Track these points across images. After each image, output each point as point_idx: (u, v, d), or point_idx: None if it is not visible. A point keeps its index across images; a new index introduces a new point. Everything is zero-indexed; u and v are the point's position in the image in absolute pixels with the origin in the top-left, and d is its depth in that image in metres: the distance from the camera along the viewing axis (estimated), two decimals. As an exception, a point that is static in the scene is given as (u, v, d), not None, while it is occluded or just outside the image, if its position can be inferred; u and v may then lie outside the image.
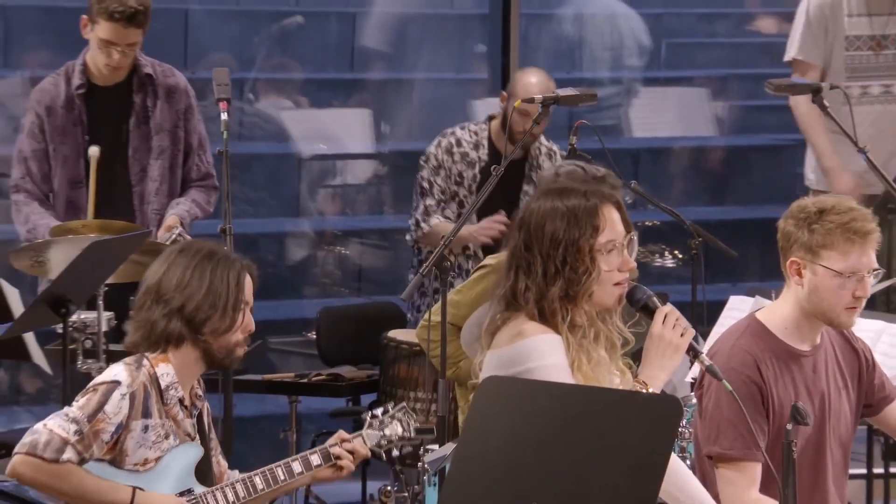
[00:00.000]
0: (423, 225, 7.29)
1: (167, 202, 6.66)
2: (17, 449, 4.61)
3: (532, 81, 7.28)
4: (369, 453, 4.96)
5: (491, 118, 7.48)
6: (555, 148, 7.48)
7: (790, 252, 4.75)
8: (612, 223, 4.57)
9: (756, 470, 4.65)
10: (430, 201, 7.30)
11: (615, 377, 4.59)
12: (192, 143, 6.74)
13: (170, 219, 6.51)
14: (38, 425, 4.62)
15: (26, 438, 4.60)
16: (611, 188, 4.88)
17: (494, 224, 7.12)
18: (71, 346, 5.93)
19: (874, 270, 4.74)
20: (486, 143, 7.37)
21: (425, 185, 7.35)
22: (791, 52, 7.65)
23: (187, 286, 4.73)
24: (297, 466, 4.88)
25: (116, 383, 4.66)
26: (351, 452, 4.90)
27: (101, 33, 6.47)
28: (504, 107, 7.37)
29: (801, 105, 7.48)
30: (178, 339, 4.74)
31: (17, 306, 6.30)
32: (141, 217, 6.61)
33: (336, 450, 4.88)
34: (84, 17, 6.52)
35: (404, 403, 5.15)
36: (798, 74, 7.56)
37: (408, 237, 7.47)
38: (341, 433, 4.97)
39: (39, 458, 4.56)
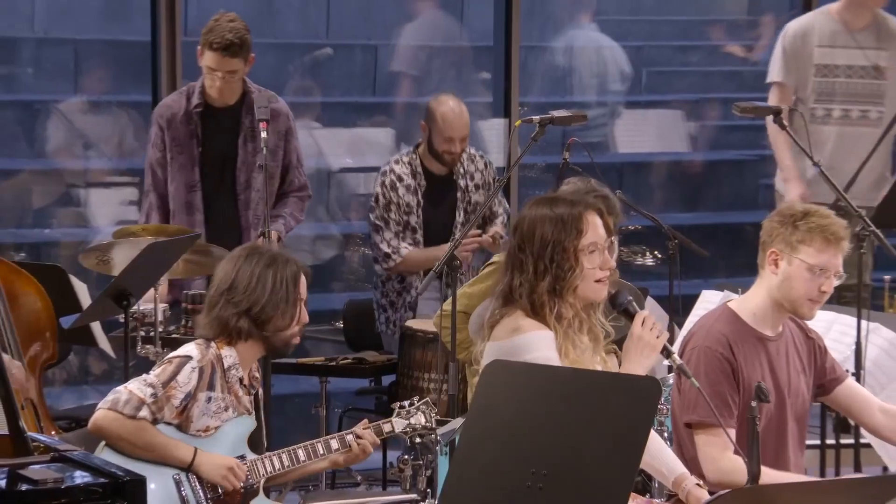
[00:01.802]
0: (394, 257, 7.13)
1: (265, 209, 6.67)
2: (100, 405, 4.70)
3: (449, 105, 7.19)
4: (378, 443, 5.01)
5: (417, 145, 7.36)
6: (472, 150, 7.40)
7: (771, 244, 4.78)
8: (595, 227, 4.58)
9: (730, 435, 4.65)
10: (388, 235, 7.17)
11: (597, 364, 4.60)
12: (291, 159, 6.76)
13: (272, 234, 6.53)
14: (120, 387, 4.72)
15: (109, 397, 4.69)
16: (595, 198, 4.89)
17: (471, 240, 7.01)
18: (132, 334, 5.94)
19: (839, 274, 4.76)
20: (420, 168, 7.26)
21: (380, 222, 7.16)
22: (770, 76, 7.63)
23: (255, 289, 4.79)
24: (334, 443, 4.94)
25: (189, 357, 4.74)
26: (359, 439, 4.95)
27: (206, 60, 6.54)
28: (426, 135, 7.27)
29: (771, 124, 7.48)
30: (247, 335, 4.80)
31: (85, 299, 6.31)
32: (244, 220, 6.65)
33: (349, 439, 4.95)
34: (199, 47, 6.56)
35: (428, 399, 5.19)
36: (776, 94, 7.53)
37: (378, 269, 7.26)
38: (364, 422, 5.01)
39: (119, 413, 4.63)
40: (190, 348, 4.79)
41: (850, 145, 7.31)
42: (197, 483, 4.70)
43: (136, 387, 4.68)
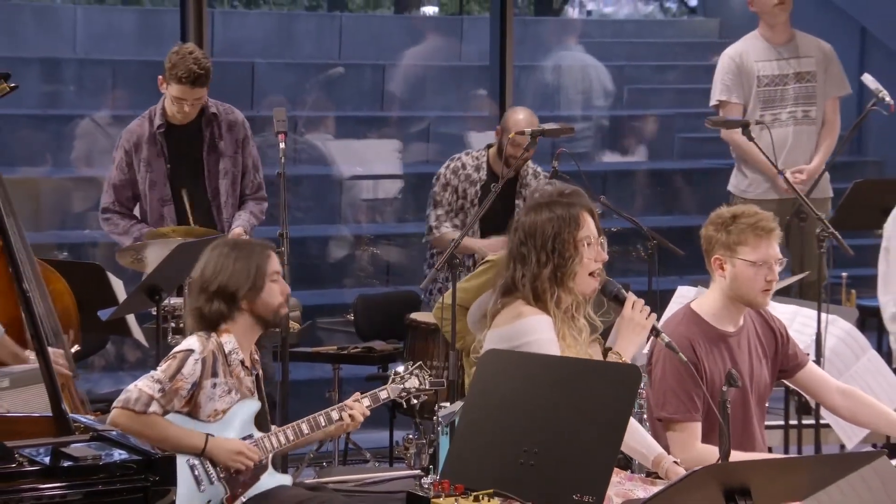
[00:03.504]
0: (434, 231, 7.22)
1: (233, 211, 6.65)
2: (114, 404, 4.61)
3: (520, 117, 7.25)
4: (368, 412, 4.94)
5: (489, 146, 7.43)
6: (538, 169, 7.44)
7: (713, 251, 4.75)
8: (588, 224, 4.59)
9: (697, 427, 4.65)
10: (439, 211, 7.24)
11: (591, 348, 4.60)
12: (248, 164, 6.70)
13: (236, 231, 6.51)
14: (131, 385, 4.64)
15: (122, 395, 4.61)
16: (584, 199, 4.88)
17: (500, 242, 7.03)
18: (163, 325, 5.92)
19: (779, 260, 4.74)
20: (485, 165, 7.33)
21: (437, 198, 7.28)
22: (715, 96, 7.65)
23: (220, 272, 4.74)
24: (335, 414, 4.88)
25: (191, 351, 4.67)
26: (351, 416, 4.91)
27: (173, 92, 6.42)
28: (499, 138, 7.33)
29: (736, 135, 7.46)
30: (224, 315, 4.75)
31: (121, 294, 6.30)
32: (219, 224, 6.61)
33: (335, 414, 4.89)
34: (160, 77, 6.49)
35: (421, 362, 5.16)
36: (723, 112, 7.55)
37: (424, 240, 7.42)
38: (356, 395, 4.98)
39: (131, 411, 4.56)
40: (192, 341, 4.72)
41: (803, 142, 7.34)
42: (209, 465, 4.67)
43: (145, 384, 4.61)
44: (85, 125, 9.47)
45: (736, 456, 4.14)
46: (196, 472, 4.63)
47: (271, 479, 4.78)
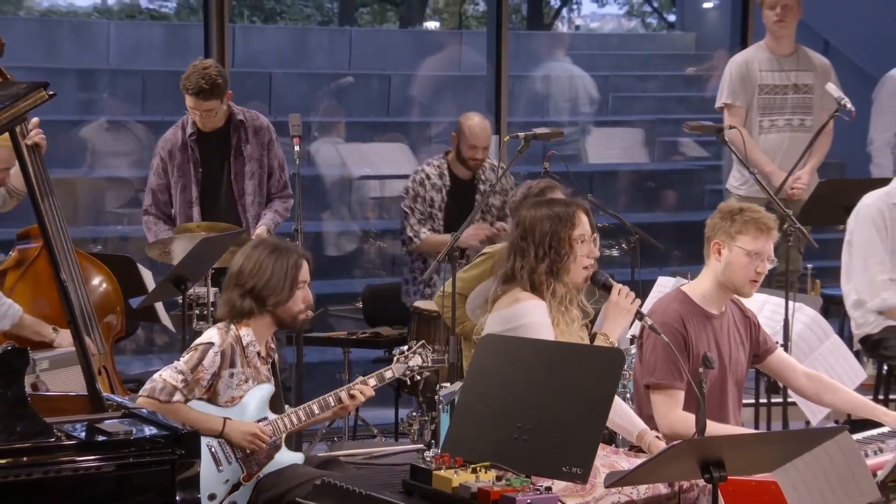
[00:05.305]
0: (415, 240, 7.13)
1: (259, 210, 6.64)
2: (140, 393, 4.62)
3: (474, 122, 7.14)
4: (373, 393, 4.93)
5: (447, 153, 7.35)
6: (494, 161, 7.37)
7: (714, 236, 4.81)
8: (584, 223, 4.62)
9: (680, 395, 4.66)
10: (412, 221, 7.13)
11: (582, 333, 4.61)
12: (273, 166, 6.68)
13: (260, 229, 6.50)
14: (156, 375, 4.64)
15: (147, 385, 4.61)
16: (578, 199, 4.89)
17: (480, 231, 7.01)
18: (188, 312, 5.92)
19: (771, 258, 4.78)
20: (447, 171, 7.21)
21: (408, 210, 7.13)
22: (721, 99, 7.63)
23: (257, 273, 4.73)
24: (343, 395, 4.88)
25: (211, 344, 4.67)
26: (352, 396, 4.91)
27: (187, 102, 6.42)
28: (456, 143, 7.24)
29: (736, 136, 7.43)
30: (251, 313, 4.75)
31: (150, 284, 6.30)
32: (244, 222, 6.60)
33: (343, 395, 4.90)
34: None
35: (423, 341, 5.15)
36: (728, 114, 7.53)
37: (404, 249, 7.25)
38: (361, 378, 4.98)
39: (156, 400, 4.56)
40: (212, 334, 4.72)
41: (797, 148, 7.34)
42: (227, 447, 4.66)
43: (169, 374, 4.61)
44: (118, 130, 9.47)
45: (711, 426, 4.15)
46: (215, 454, 4.63)
47: (285, 457, 4.78)
